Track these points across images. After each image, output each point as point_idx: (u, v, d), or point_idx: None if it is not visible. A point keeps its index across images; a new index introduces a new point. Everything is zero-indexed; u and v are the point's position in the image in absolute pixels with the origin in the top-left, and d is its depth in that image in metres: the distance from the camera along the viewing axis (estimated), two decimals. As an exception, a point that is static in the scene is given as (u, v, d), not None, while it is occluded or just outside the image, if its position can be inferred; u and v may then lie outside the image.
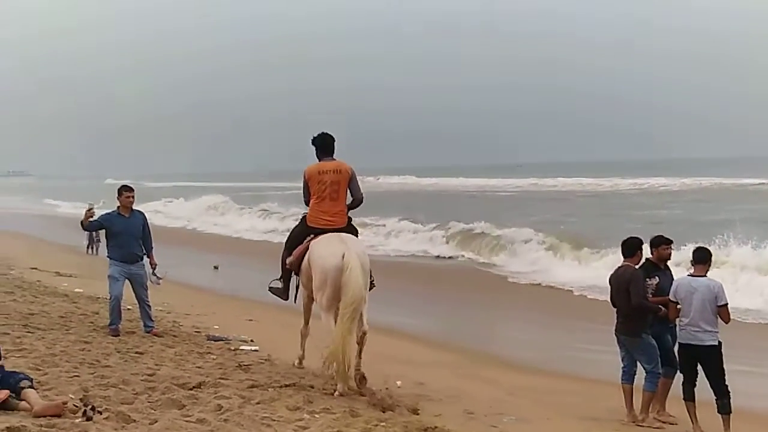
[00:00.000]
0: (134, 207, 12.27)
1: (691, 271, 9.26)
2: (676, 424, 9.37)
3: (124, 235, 11.92)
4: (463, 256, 28.14)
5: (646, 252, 9.75)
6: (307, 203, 9.83)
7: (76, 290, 16.61)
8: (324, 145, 9.76)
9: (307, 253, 9.47)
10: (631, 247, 9.54)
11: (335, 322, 8.90)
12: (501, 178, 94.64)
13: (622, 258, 9.62)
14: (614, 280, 9.62)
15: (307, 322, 10.24)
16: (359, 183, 9.86)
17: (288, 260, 9.90)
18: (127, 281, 12.04)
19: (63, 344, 10.34)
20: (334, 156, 9.78)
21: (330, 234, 9.37)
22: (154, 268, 12.32)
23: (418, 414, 8.60)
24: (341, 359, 8.77)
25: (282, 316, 12.43)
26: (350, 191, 9.73)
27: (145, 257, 12.23)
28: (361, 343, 9.14)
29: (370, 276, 9.51)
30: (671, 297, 9.20)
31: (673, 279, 9.50)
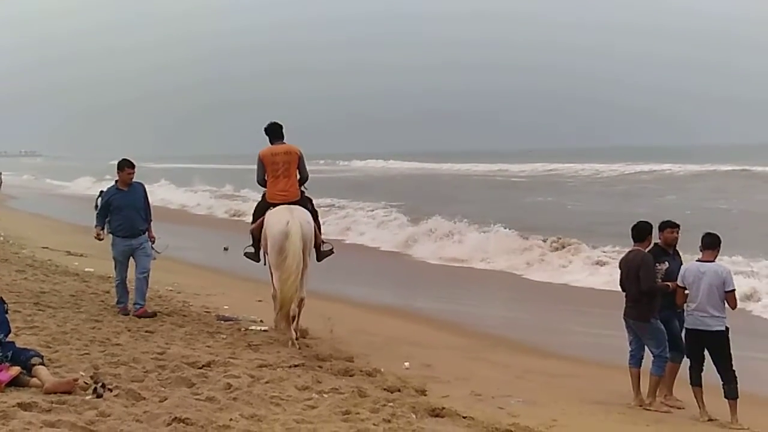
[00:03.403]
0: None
1: (700, 256, 9.26)
2: (683, 408, 9.39)
3: (125, 209, 11.79)
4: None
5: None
6: (258, 181, 11.34)
7: (87, 269, 16.68)
8: (274, 131, 11.25)
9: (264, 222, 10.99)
10: (641, 232, 9.52)
11: (280, 278, 10.44)
12: (507, 163, 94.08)
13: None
14: (624, 264, 9.62)
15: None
16: (306, 163, 11.37)
17: (250, 228, 11.53)
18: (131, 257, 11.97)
19: (74, 322, 10.42)
20: (284, 140, 11.25)
21: (282, 206, 10.83)
22: (152, 242, 12.14)
23: (425, 395, 8.64)
24: (286, 306, 10.43)
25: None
26: (298, 170, 11.19)
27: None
28: (299, 307, 10.69)
29: (327, 243, 11.59)
30: (679, 282, 9.20)
31: (682, 264, 9.49)
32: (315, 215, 11.31)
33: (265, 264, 11.18)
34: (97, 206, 22.58)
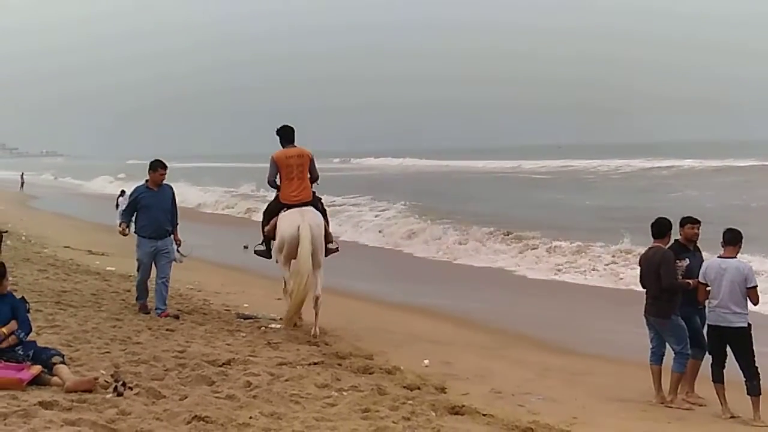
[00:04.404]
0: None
1: (721, 252, 9.19)
2: (705, 405, 9.32)
3: (153, 209, 11.76)
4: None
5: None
6: (269, 181, 11.83)
7: (108, 268, 16.77)
8: (286, 134, 11.67)
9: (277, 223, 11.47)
10: (661, 228, 9.46)
11: (289, 274, 11.20)
12: (523, 160, 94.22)
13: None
14: (644, 261, 9.57)
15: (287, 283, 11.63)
16: (316, 165, 11.81)
17: (265, 229, 11.86)
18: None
19: (95, 321, 10.46)
20: (295, 143, 11.66)
21: (295, 209, 11.32)
22: (178, 245, 12.15)
23: (445, 392, 8.66)
24: (293, 309, 11.18)
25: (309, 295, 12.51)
26: (309, 172, 11.59)
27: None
28: (315, 306, 11.17)
29: (333, 242, 11.91)
30: (701, 279, 9.13)
31: (702, 261, 9.43)
32: (324, 213, 11.83)
33: (277, 261, 11.60)
34: (117, 205, 22.71)
